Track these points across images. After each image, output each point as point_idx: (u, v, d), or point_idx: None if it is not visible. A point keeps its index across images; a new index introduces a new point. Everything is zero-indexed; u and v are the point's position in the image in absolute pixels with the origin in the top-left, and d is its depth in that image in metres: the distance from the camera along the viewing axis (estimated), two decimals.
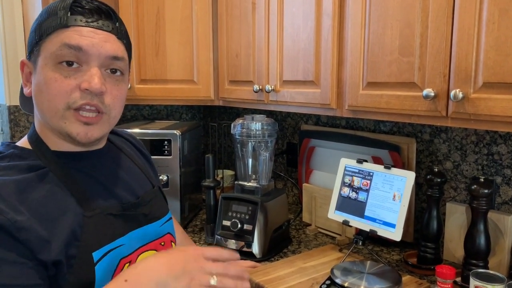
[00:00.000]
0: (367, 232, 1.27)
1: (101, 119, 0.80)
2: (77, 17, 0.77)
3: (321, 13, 1.32)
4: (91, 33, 0.78)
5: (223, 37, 1.75)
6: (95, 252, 0.76)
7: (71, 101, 0.76)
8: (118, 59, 0.81)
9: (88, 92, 0.77)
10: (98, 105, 0.78)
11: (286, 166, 2.04)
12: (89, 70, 0.77)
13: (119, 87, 0.83)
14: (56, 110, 0.77)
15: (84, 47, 0.76)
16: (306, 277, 1.23)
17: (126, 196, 0.88)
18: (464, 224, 1.33)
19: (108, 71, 0.81)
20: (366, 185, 1.30)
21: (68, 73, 0.76)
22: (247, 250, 1.42)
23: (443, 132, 1.43)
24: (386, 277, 1.14)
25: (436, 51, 1.03)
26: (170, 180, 1.66)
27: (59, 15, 0.77)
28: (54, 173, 0.79)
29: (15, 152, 0.80)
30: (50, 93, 0.76)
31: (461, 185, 1.39)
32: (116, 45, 0.81)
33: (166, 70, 1.80)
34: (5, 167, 0.76)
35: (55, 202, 0.76)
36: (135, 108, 2.24)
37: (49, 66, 0.77)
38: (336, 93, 1.31)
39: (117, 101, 0.82)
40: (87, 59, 0.77)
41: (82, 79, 0.76)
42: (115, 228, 0.81)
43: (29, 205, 0.73)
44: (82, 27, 0.77)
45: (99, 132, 0.81)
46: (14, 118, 1.90)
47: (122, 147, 0.99)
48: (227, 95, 1.76)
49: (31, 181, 0.76)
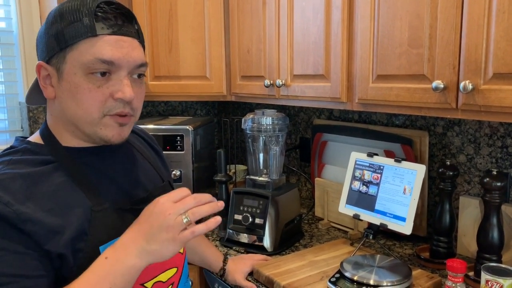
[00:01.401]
0: (377, 226, 1.27)
1: (130, 120, 0.85)
2: (104, 24, 0.78)
3: (330, 6, 1.31)
4: (120, 42, 0.79)
5: (235, 33, 1.76)
6: (102, 246, 0.78)
7: (106, 110, 0.80)
8: (144, 65, 0.85)
9: (121, 100, 0.81)
10: (129, 112, 0.83)
11: (299, 161, 2.04)
12: (120, 80, 0.80)
13: (142, 90, 0.88)
14: (92, 119, 0.80)
15: (116, 61, 0.79)
16: (317, 271, 1.23)
17: (135, 191, 0.90)
18: (478, 218, 1.31)
19: (135, 76, 0.84)
20: (377, 179, 1.29)
21: (100, 83, 0.79)
22: (259, 244, 1.43)
23: (456, 125, 1.41)
24: (396, 271, 1.14)
25: (445, 42, 1.01)
26: (183, 175, 1.68)
27: (84, 22, 0.77)
28: (64, 167, 0.81)
29: (27, 147, 0.82)
30: (84, 102, 0.79)
31: (474, 179, 1.37)
32: (141, 51, 0.85)
33: (179, 66, 1.82)
34: (17, 161, 0.79)
35: (64, 196, 0.78)
36: (151, 105, 2.27)
37: (79, 75, 0.78)
38: (346, 87, 1.30)
39: (141, 102, 0.88)
40: (118, 69, 0.80)
41: (115, 88, 0.80)
42: (123, 223, 0.83)
43: (38, 198, 0.75)
44: (110, 36, 0.79)
45: (128, 132, 0.87)
46: (33, 116, 1.95)
47: (133, 142, 1.01)
48: (239, 91, 1.77)
49: (41, 175, 0.78)
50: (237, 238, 1.48)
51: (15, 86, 2.00)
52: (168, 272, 0.92)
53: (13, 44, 1.95)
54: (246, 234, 1.46)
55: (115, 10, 0.80)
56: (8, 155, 0.81)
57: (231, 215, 1.51)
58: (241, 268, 1.28)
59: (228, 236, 1.50)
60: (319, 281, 1.17)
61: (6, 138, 2.00)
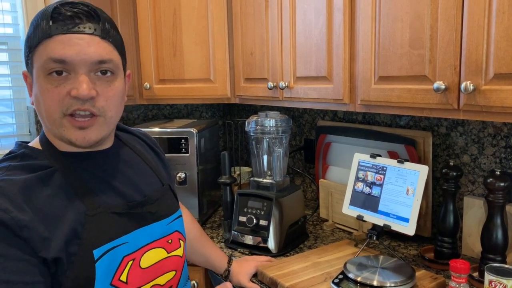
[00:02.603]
0: (381, 227, 1.27)
1: (95, 121, 0.82)
2: (58, 25, 0.78)
3: (332, 8, 1.32)
4: (74, 39, 0.78)
5: (238, 36, 1.77)
6: (96, 250, 0.79)
7: (64, 108, 0.79)
8: (105, 62, 0.81)
9: (77, 98, 0.79)
10: (89, 109, 0.80)
11: (304, 162, 2.05)
12: (77, 78, 0.79)
13: (112, 87, 0.83)
14: (54, 119, 0.80)
15: (68, 58, 0.78)
16: (320, 272, 1.23)
17: (132, 195, 0.90)
18: (482, 218, 1.30)
19: (99, 73, 0.82)
20: (380, 180, 1.29)
21: (58, 83, 0.79)
22: (263, 245, 1.44)
23: (460, 125, 1.40)
24: (399, 272, 1.14)
25: (446, 43, 1.01)
26: (188, 178, 1.69)
27: (42, 26, 0.79)
28: (60, 172, 0.82)
29: (25, 152, 0.84)
30: (45, 103, 0.80)
31: (478, 179, 1.36)
32: (101, 47, 0.81)
33: (183, 69, 1.84)
34: (15, 167, 0.80)
35: (59, 201, 0.79)
36: (156, 108, 2.29)
37: (41, 77, 0.79)
38: (348, 88, 1.31)
39: (111, 101, 0.83)
40: (74, 67, 0.79)
41: (72, 86, 0.78)
42: (118, 226, 0.83)
43: (34, 204, 0.76)
44: (63, 35, 0.78)
45: (96, 134, 0.83)
46: None
47: (133, 146, 1.01)
48: (243, 93, 1.78)
49: (37, 181, 0.79)
50: (242, 240, 1.48)
51: (23, 91, 2.03)
52: (167, 275, 0.92)
53: (20, 49, 1.97)
54: (250, 236, 1.47)
55: (71, 9, 0.79)
56: (7, 161, 0.83)
57: (236, 217, 1.52)
58: (245, 270, 1.29)
59: (233, 238, 1.51)
60: (322, 282, 1.17)
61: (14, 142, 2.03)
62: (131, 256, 0.84)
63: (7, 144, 2.00)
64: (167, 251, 0.92)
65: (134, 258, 0.85)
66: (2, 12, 1.94)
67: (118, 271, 0.82)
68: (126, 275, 0.83)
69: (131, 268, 0.84)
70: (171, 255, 0.93)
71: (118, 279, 0.82)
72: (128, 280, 0.83)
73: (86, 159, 0.87)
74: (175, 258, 0.94)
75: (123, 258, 0.83)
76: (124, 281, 0.82)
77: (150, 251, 0.88)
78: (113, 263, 0.81)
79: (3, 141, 1.99)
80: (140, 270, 0.86)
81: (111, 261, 0.81)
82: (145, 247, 0.88)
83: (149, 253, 0.88)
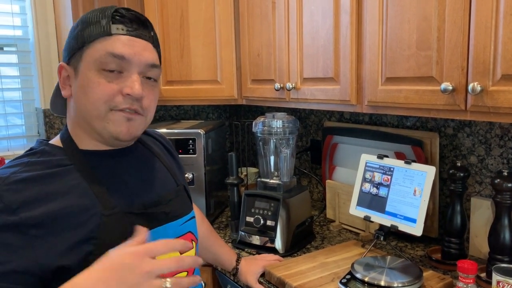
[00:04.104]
0: (388, 227, 1.27)
1: (139, 117, 0.87)
2: (119, 26, 0.83)
3: (339, 10, 1.32)
4: (132, 41, 0.84)
5: (245, 37, 1.78)
6: (111, 250, 0.78)
7: (113, 104, 0.83)
8: (155, 66, 0.88)
9: (129, 97, 0.83)
10: (138, 109, 0.85)
11: (311, 163, 2.05)
12: (130, 77, 0.83)
13: (154, 92, 0.90)
14: (99, 112, 0.83)
15: (127, 56, 0.82)
16: (327, 272, 1.24)
17: (148, 195, 0.91)
18: (489, 219, 1.30)
19: (145, 78, 0.87)
20: (387, 181, 1.30)
21: (111, 79, 0.83)
22: (270, 245, 1.45)
23: (467, 126, 1.40)
24: (407, 272, 1.14)
25: (453, 44, 1.02)
26: (195, 178, 1.70)
27: (102, 23, 0.83)
28: (78, 170, 0.83)
29: (45, 149, 0.85)
30: (93, 96, 0.82)
31: (486, 180, 1.37)
32: (153, 53, 0.88)
33: (191, 71, 1.85)
34: (33, 163, 0.82)
35: (75, 198, 0.80)
36: (163, 109, 2.30)
37: (93, 71, 0.82)
38: (355, 89, 1.31)
39: (152, 104, 0.90)
40: (129, 66, 0.83)
41: (124, 85, 0.83)
42: (134, 227, 0.84)
43: (48, 200, 0.77)
44: (123, 36, 0.83)
45: (137, 129, 0.88)
46: (49, 121, 1.99)
47: (150, 146, 1.03)
48: (249, 94, 1.79)
49: (54, 176, 0.80)
50: (249, 240, 1.49)
51: (32, 93, 2.05)
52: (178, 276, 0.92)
53: (30, 51, 2.00)
54: (257, 236, 1.48)
55: (131, 15, 0.86)
56: (26, 157, 0.84)
57: (243, 218, 1.53)
58: (253, 269, 1.30)
59: (240, 238, 1.52)
60: (330, 282, 1.18)
61: (23, 143, 2.05)
62: None
63: (16, 145, 2.02)
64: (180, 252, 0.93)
65: None
66: (12, 15, 1.96)
67: None
68: None
69: None
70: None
71: None
72: None
73: (105, 157, 0.88)
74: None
75: None
76: None
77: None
78: None
79: (12, 142, 2.01)
80: None
81: None
82: None
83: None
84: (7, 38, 1.97)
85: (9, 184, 0.76)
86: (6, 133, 2.00)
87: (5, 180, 0.77)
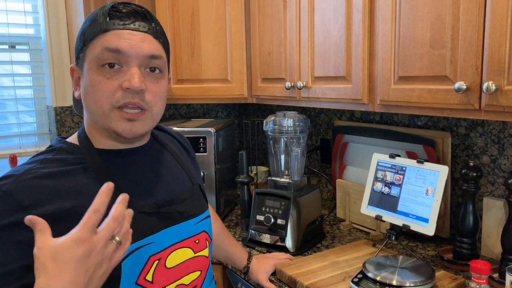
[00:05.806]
0: (400, 227, 1.27)
1: (143, 115, 0.85)
2: (115, 21, 0.83)
3: (351, 9, 1.32)
4: (129, 35, 0.82)
5: (256, 36, 1.78)
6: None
7: (114, 100, 0.81)
8: (156, 57, 0.85)
9: (129, 91, 0.81)
10: (139, 102, 0.83)
11: (320, 162, 2.05)
12: (129, 70, 0.82)
13: (159, 84, 0.87)
14: (103, 111, 0.82)
15: (123, 49, 0.81)
16: (339, 271, 1.24)
17: (162, 194, 0.91)
18: (502, 219, 1.29)
19: (148, 70, 0.85)
20: (399, 180, 1.29)
21: (110, 75, 0.81)
22: (281, 244, 1.45)
23: (479, 125, 1.39)
24: (419, 272, 1.14)
25: (468, 43, 1.01)
26: (206, 176, 1.71)
27: (99, 21, 0.83)
28: (93, 169, 0.83)
29: (63, 146, 0.86)
30: (96, 95, 0.82)
31: (498, 180, 1.36)
32: (153, 44, 0.85)
33: (201, 70, 1.86)
34: (49, 160, 0.82)
35: (87, 196, 0.78)
36: (173, 107, 2.31)
37: (93, 69, 0.82)
38: (367, 88, 1.31)
39: (158, 97, 0.87)
40: (127, 60, 0.82)
41: (123, 79, 0.81)
42: (146, 226, 0.84)
43: (61, 197, 0.77)
44: (120, 30, 0.82)
45: (142, 127, 0.86)
46: (60, 119, 2.01)
47: (166, 144, 1.02)
48: (260, 93, 1.79)
49: (68, 173, 0.81)
50: (259, 239, 1.49)
51: (43, 91, 2.07)
52: (192, 275, 0.92)
53: (41, 49, 2.01)
54: (268, 235, 1.48)
55: (128, 8, 0.84)
56: (43, 154, 0.85)
57: (253, 216, 1.53)
58: (264, 268, 1.30)
59: (251, 237, 1.52)
60: (341, 281, 1.18)
61: (34, 140, 2.07)
62: (157, 256, 0.85)
63: (27, 143, 2.04)
64: (194, 251, 0.93)
65: (160, 257, 0.85)
66: (24, 13, 1.97)
67: (144, 271, 0.82)
68: (151, 274, 0.83)
69: (156, 267, 0.84)
70: (197, 255, 0.93)
71: (143, 279, 0.82)
72: (154, 279, 0.84)
73: (120, 156, 0.88)
74: (201, 258, 0.94)
75: (149, 257, 0.83)
76: (149, 280, 0.83)
77: (177, 251, 0.89)
78: (139, 263, 0.82)
79: (24, 140, 2.03)
80: (165, 269, 0.86)
81: (137, 261, 0.81)
82: (172, 246, 0.88)
83: (176, 253, 0.88)
84: (19, 37, 1.99)
85: (23, 181, 0.77)
86: (18, 130, 2.02)
87: (19, 177, 0.78)
